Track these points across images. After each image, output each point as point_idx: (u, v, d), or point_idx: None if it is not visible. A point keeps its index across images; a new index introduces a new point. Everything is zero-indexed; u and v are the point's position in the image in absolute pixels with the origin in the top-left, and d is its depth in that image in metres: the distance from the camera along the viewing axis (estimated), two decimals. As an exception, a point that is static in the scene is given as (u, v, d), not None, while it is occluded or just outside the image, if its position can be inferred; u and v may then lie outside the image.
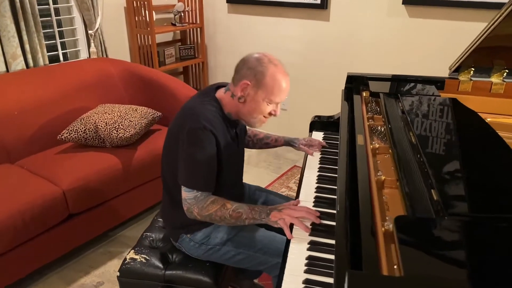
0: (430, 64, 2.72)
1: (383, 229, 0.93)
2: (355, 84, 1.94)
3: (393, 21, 2.79)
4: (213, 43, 3.72)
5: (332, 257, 1.13)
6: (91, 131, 2.23)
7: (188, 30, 3.67)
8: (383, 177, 1.18)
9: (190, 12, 3.55)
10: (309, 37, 3.19)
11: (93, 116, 2.28)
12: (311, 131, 2.04)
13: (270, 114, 1.42)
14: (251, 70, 1.34)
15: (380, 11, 2.81)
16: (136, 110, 2.40)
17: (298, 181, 2.93)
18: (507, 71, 1.80)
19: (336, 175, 1.56)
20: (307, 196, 1.44)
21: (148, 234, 1.67)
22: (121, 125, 2.25)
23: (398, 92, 1.76)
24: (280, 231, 1.44)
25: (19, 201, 1.83)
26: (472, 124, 1.39)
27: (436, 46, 2.67)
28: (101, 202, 2.14)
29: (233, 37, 3.59)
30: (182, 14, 3.50)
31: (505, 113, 1.75)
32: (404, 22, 2.75)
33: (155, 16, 3.25)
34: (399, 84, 1.87)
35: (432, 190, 0.98)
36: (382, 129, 1.52)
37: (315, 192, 1.47)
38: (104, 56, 3.05)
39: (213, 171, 1.37)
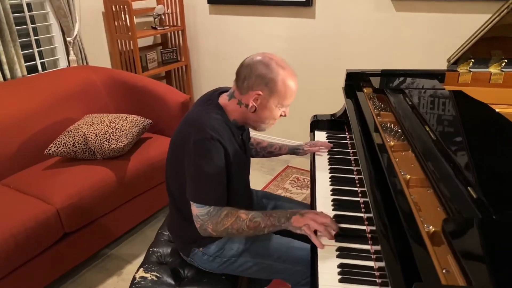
0: (419, 58, 2.73)
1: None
2: (355, 81, 1.90)
3: (380, 16, 2.78)
4: (195, 45, 3.63)
5: (364, 263, 1.09)
6: (81, 144, 2.11)
7: (169, 33, 3.57)
8: (408, 176, 1.15)
9: (170, 14, 3.45)
10: (295, 35, 3.15)
11: (81, 127, 2.16)
12: (312, 131, 1.99)
13: (280, 115, 1.37)
14: (261, 79, 1.27)
15: (367, 6, 2.80)
16: (126, 118, 2.29)
17: (293, 182, 2.92)
18: (506, 61, 1.80)
19: (349, 175, 1.53)
20: (324, 199, 1.40)
21: (154, 249, 1.59)
22: (112, 135, 2.15)
23: (399, 87, 1.74)
24: (297, 236, 1.40)
25: (10, 223, 1.71)
26: (486, 116, 1.38)
27: (424, 39, 2.68)
28: (96, 217, 2.04)
29: (216, 38, 3.51)
30: (163, 17, 3.39)
31: (506, 103, 1.74)
32: (391, 16, 2.74)
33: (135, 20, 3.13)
34: (400, 79, 1.85)
35: (468, 187, 0.95)
36: (392, 126, 1.49)
37: (332, 194, 1.42)
38: (85, 63, 2.92)
39: (224, 183, 1.29)
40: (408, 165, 1.23)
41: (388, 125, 1.50)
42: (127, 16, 3.01)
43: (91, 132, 2.13)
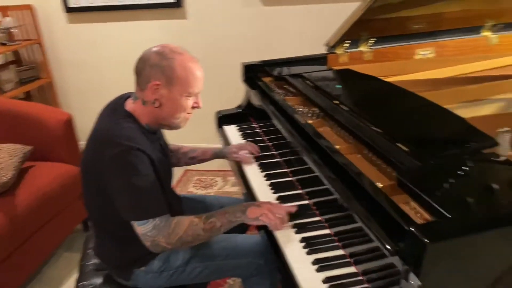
0: (292, 47, 2.94)
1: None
2: (253, 73, 1.98)
3: (249, 11, 2.91)
4: (56, 59, 3.27)
5: (321, 232, 1.16)
6: (-51, 188, 1.74)
7: (23, 48, 3.14)
8: (337, 146, 1.26)
9: (22, 27, 3.04)
10: (169, 37, 3.09)
11: None
12: (220, 126, 2.00)
13: (193, 107, 1.30)
14: (156, 68, 1.19)
15: (235, 3, 2.90)
16: (1, 149, 1.96)
17: (196, 184, 2.87)
18: (374, 39, 2.09)
19: (274, 160, 1.60)
20: (260, 185, 1.43)
21: (85, 283, 1.41)
22: (-10, 170, 1.82)
23: (294, 72, 1.86)
24: (237, 230, 1.41)
25: None
26: (377, 85, 1.58)
27: (293, 30, 2.91)
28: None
29: (79, 49, 3.22)
30: (13, 31, 2.97)
31: (385, 74, 1.98)
32: (260, 11, 2.90)
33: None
34: (292, 65, 1.98)
35: (397, 143, 1.09)
36: (302, 108, 1.59)
37: (266, 180, 1.46)
38: None
39: (159, 190, 1.22)
40: (331, 138, 1.34)
41: (299, 107, 1.60)
42: (-31, 33, 2.55)
43: (-40, 172, 1.77)
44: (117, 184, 1.15)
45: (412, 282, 0.71)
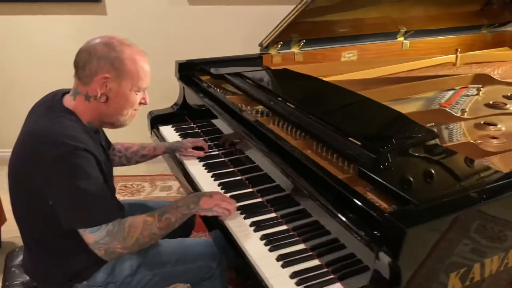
0: (216, 48, 2.92)
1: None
2: (188, 71, 1.93)
3: (174, 10, 2.84)
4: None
5: (279, 228, 1.17)
6: None
7: None
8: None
9: None
10: (87, 34, 2.76)
11: None
12: (154, 127, 1.91)
13: (140, 104, 1.23)
14: (104, 59, 1.11)
15: (161, 0, 2.81)
16: None
17: (122, 190, 2.69)
18: (304, 41, 2.16)
19: (219, 160, 1.57)
20: (210, 185, 1.40)
21: (13, 306, 1.24)
22: None
23: (229, 71, 1.84)
24: (182, 233, 1.37)
25: None
26: (316, 83, 1.63)
27: (217, 30, 2.89)
28: None
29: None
30: None
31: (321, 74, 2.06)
32: (185, 10, 2.84)
33: None
34: (227, 64, 1.97)
35: (349, 138, 1.14)
36: (243, 105, 1.58)
37: (215, 180, 1.43)
38: None
39: (108, 193, 1.13)
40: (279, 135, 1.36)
41: (241, 106, 1.59)
42: None
43: None
44: (61, 189, 1.04)
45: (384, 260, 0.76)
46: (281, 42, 2.10)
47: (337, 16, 2.17)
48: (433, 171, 0.95)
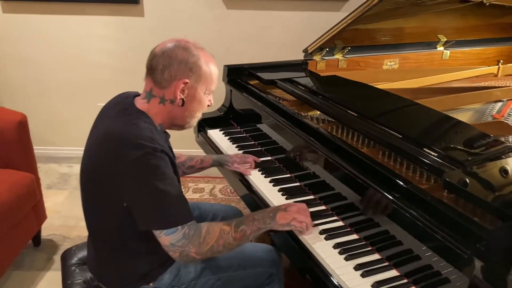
0: (251, 52, 2.94)
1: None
2: (236, 75, 1.93)
3: (211, 13, 2.85)
4: (-15, 52, 2.89)
5: (351, 237, 1.16)
6: None
7: None
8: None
9: None
10: (124, 35, 2.91)
11: None
12: (201, 130, 1.92)
13: (207, 105, 1.25)
14: (184, 64, 1.12)
15: (197, 3, 2.83)
16: None
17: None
18: (349, 48, 2.17)
19: (274, 166, 1.57)
20: (270, 191, 1.41)
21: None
22: None
23: (277, 77, 1.84)
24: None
25: None
26: (370, 91, 1.63)
27: (254, 35, 2.91)
28: None
29: (16, 42, 2.87)
30: None
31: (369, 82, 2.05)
32: (222, 13, 2.86)
33: None
34: (271, 70, 1.97)
35: (424, 148, 1.14)
36: (299, 111, 1.58)
37: (274, 186, 1.43)
38: None
39: (183, 195, 1.13)
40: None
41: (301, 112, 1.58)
42: None
43: None
44: (140, 190, 1.04)
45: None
46: (326, 49, 2.11)
47: (380, 24, 2.18)
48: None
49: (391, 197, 1.04)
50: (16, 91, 3.00)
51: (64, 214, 2.44)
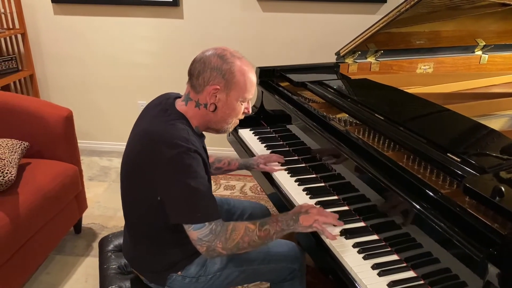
0: (286, 54, 2.98)
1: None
2: (267, 77, 1.99)
3: (247, 16, 2.92)
4: (38, 51, 3.10)
5: (371, 237, 1.19)
6: None
7: (4, 38, 2.95)
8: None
9: (3, 15, 2.85)
10: (164, 36, 3.03)
11: None
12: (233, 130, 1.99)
13: (243, 113, 1.31)
14: (216, 71, 1.19)
15: (234, 6, 2.90)
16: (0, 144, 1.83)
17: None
18: (381, 51, 2.17)
19: (300, 165, 1.61)
20: (295, 190, 1.45)
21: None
22: (-8, 167, 1.69)
23: (308, 79, 1.88)
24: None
25: None
26: (401, 95, 1.64)
27: (289, 37, 2.95)
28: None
29: (65, 42, 3.07)
30: (-4, 18, 2.78)
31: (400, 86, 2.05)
32: (258, 16, 2.92)
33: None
34: (303, 72, 2.01)
35: (448, 154, 1.15)
36: (329, 114, 1.61)
37: (299, 185, 1.48)
38: None
39: (212, 193, 1.21)
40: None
41: (329, 115, 1.62)
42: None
43: (-42, 167, 1.63)
44: (173, 186, 1.12)
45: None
46: (359, 52, 2.12)
47: (415, 28, 2.16)
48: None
49: (414, 203, 1.06)
50: (64, 88, 3.21)
51: (103, 204, 2.60)
